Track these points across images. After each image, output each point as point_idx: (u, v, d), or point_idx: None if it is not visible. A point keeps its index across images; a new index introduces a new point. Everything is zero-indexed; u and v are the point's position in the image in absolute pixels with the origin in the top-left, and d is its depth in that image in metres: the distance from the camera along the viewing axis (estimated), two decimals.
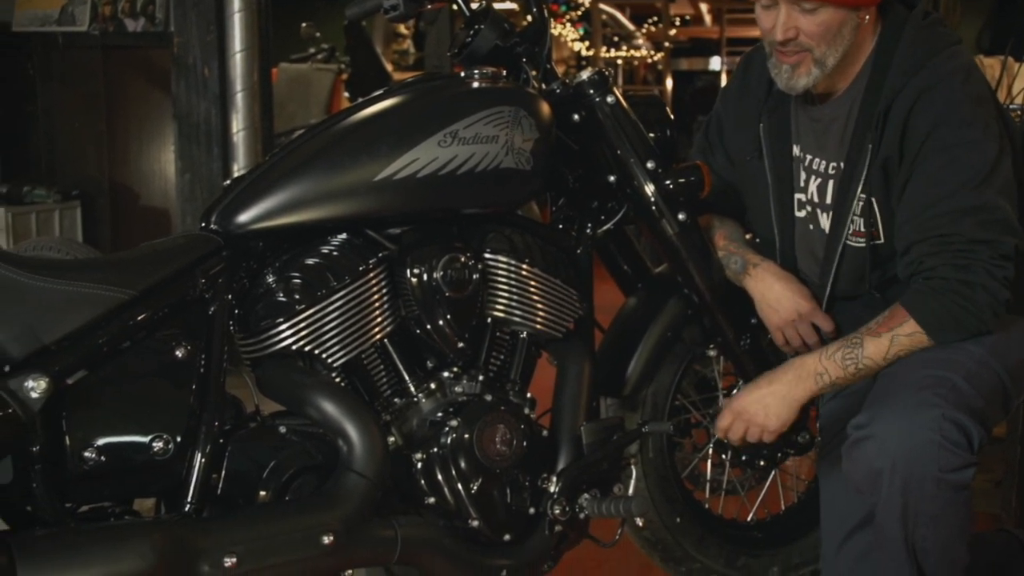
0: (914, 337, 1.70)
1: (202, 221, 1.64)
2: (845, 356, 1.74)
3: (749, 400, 1.81)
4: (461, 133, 1.69)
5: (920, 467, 1.60)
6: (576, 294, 1.86)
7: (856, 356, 1.73)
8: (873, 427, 1.64)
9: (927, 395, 1.64)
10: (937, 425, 1.61)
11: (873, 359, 1.73)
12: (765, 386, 1.80)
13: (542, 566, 1.77)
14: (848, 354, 1.74)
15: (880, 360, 1.73)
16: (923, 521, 1.65)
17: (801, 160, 1.94)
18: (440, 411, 1.69)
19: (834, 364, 1.74)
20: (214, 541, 1.40)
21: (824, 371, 1.75)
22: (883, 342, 1.72)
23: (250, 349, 1.63)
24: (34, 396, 1.35)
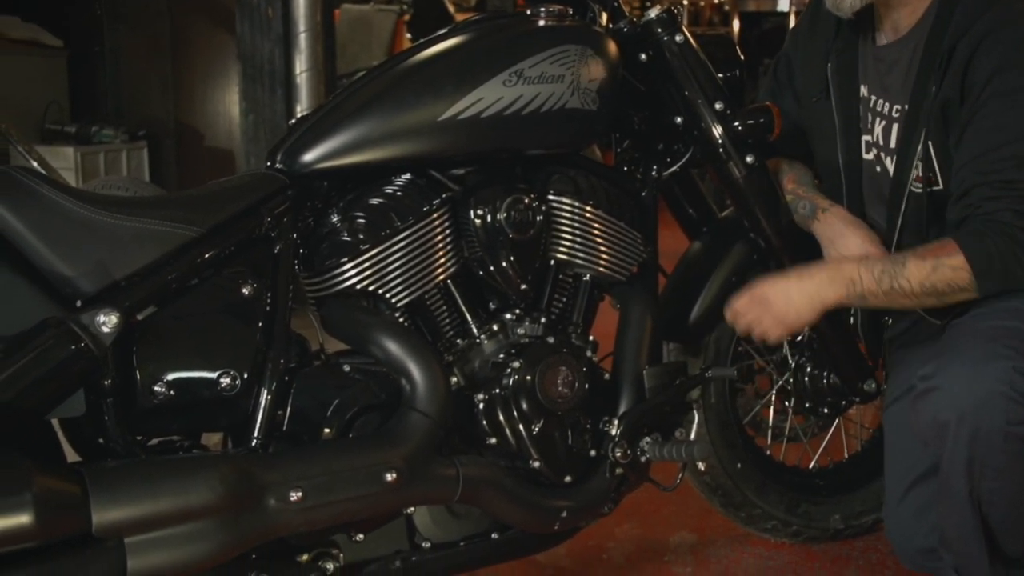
0: (958, 272, 1.64)
1: (267, 160, 1.65)
2: (884, 270, 1.68)
3: (774, 288, 1.76)
4: (526, 72, 1.67)
5: (988, 420, 1.57)
6: (640, 237, 1.84)
7: (894, 273, 1.67)
8: (939, 378, 1.61)
9: (997, 346, 1.60)
10: (1007, 377, 1.56)
11: (910, 281, 1.67)
12: (795, 279, 1.75)
13: (602, 508, 1.77)
14: (888, 269, 1.68)
15: (917, 285, 1.66)
16: (989, 474, 1.61)
17: (868, 101, 1.88)
18: (502, 352, 1.69)
19: (870, 275, 1.69)
20: (280, 476, 1.42)
21: (859, 279, 1.70)
22: (925, 266, 1.66)
23: (314, 288, 1.64)
24: (105, 331, 1.38)
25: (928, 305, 1.72)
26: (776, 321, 1.76)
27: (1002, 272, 1.63)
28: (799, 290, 1.74)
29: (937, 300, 1.69)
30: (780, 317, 1.75)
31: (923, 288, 1.67)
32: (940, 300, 1.69)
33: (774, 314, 1.75)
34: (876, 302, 1.72)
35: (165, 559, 1.32)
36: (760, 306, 1.77)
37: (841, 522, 2.19)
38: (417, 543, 1.66)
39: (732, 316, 1.83)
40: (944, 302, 1.70)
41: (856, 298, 1.72)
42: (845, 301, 1.74)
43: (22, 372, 1.31)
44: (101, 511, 1.26)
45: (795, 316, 1.75)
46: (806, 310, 1.74)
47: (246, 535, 1.38)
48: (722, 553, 2.18)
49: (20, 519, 1.19)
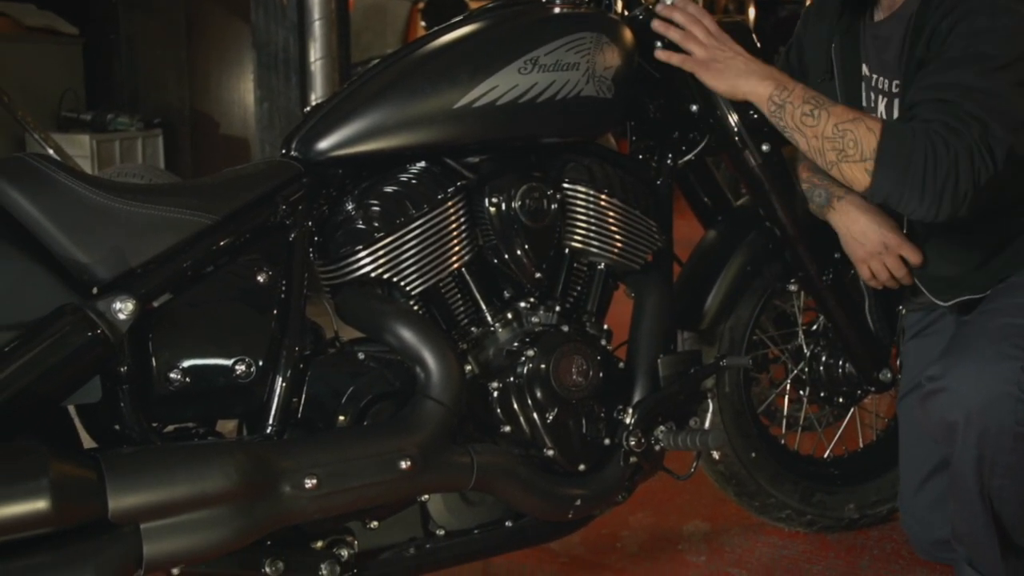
0: (869, 137, 1.62)
1: (282, 148, 1.65)
2: (815, 96, 1.68)
3: (731, 43, 1.75)
4: (542, 60, 1.66)
5: (996, 420, 1.56)
6: (655, 226, 1.84)
7: (820, 103, 1.67)
8: (947, 379, 1.60)
9: (1005, 346, 1.58)
10: (1015, 377, 1.55)
11: (830, 115, 1.65)
12: (744, 57, 1.74)
13: (616, 497, 1.77)
14: (819, 98, 1.68)
15: (831, 126, 1.64)
16: (999, 472, 1.61)
17: (869, 80, 1.87)
18: (516, 341, 1.69)
19: (801, 93, 1.68)
20: (295, 463, 1.43)
21: (791, 89, 1.69)
22: (849, 114, 1.65)
23: (329, 276, 1.64)
24: (122, 317, 1.38)
25: (826, 161, 1.67)
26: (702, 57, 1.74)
27: (904, 164, 1.59)
28: (745, 59, 1.73)
29: (836, 156, 1.65)
30: (718, 68, 1.73)
31: (835, 130, 1.64)
32: (838, 159, 1.65)
33: (711, 62, 1.73)
34: (789, 122, 1.68)
35: (180, 545, 1.32)
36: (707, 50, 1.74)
37: (856, 511, 2.19)
38: (431, 531, 1.67)
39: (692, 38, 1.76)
40: (842, 172, 1.66)
41: (778, 103, 1.68)
42: (766, 101, 1.70)
43: (39, 358, 1.32)
44: (117, 497, 1.27)
45: (729, 76, 1.73)
46: (733, 72, 1.72)
47: (261, 522, 1.39)
48: (736, 542, 2.18)
49: (37, 505, 1.20)
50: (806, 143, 1.68)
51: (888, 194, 1.63)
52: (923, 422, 1.68)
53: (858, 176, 1.64)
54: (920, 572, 2.04)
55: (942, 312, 1.92)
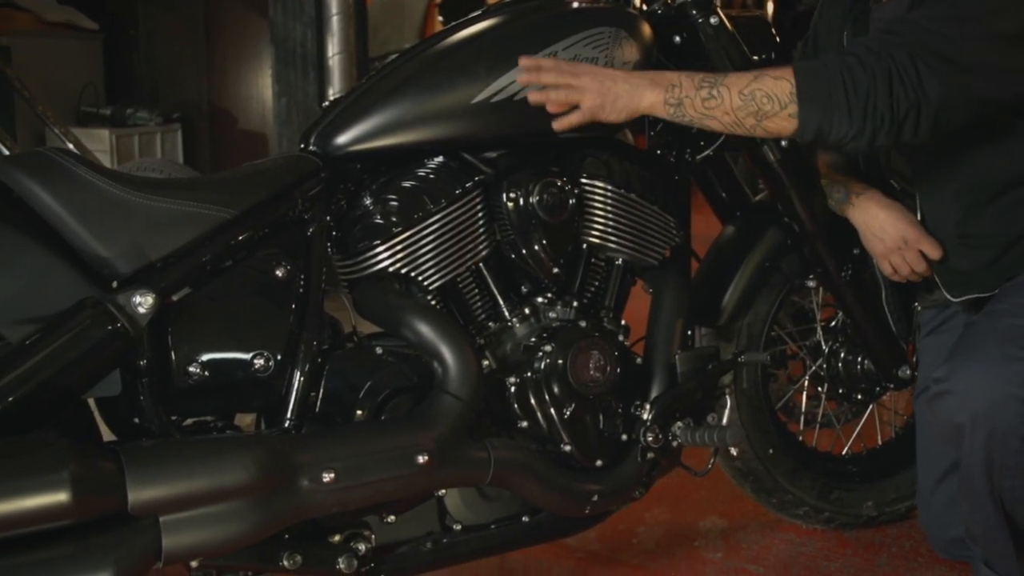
0: (779, 83, 1.57)
1: (301, 143, 1.65)
2: (706, 78, 1.62)
3: (604, 72, 1.63)
4: (560, 55, 1.66)
5: (1003, 423, 1.54)
6: (673, 221, 1.83)
7: (714, 81, 1.61)
8: (952, 381, 1.59)
9: (1011, 347, 1.57)
10: (1020, 379, 1.54)
11: (729, 89, 1.59)
12: (620, 74, 1.64)
13: (633, 492, 1.77)
14: (710, 77, 1.62)
15: (736, 94, 1.58)
16: (1009, 474, 1.60)
17: None
18: (534, 336, 1.69)
19: (691, 82, 1.61)
20: (313, 457, 1.43)
21: (680, 84, 1.61)
22: (747, 76, 1.60)
23: (347, 270, 1.64)
24: (141, 311, 1.39)
25: (747, 127, 1.61)
26: (591, 102, 1.61)
27: (825, 93, 1.55)
28: (624, 82, 1.62)
29: (755, 119, 1.59)
30: (595, 99, 1.60)
31: (741, 97, 1.58)
32: (760, 122, 1.59)
33: (591, 94, 1.60)
34: (695, 114, 1.61)
35: (199, 538, 1.33)
36: (582, 79, 1.61)
37: (874, 509, 2.18)
38: (448, 525, 1.67)
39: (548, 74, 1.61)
40: (767, 129, 1.61)
41: (674, 103, 1.61)
42: (661, 107, 1.62)
43: (59, 352, 1.33)
44: (137, 490, 1.28)
45: (610, 104, 1.61)
46: (623, 102, 1.61)
47: (279, 515, 1.39)
48: (753, 538, 2.17)
49: (58, 497, 1.21)
50: (720, 123, 1.62)
51: (818, 126, 1.58)
52: (932, 424, 1.67)
53: (783, 125, 1.59)
54: (938, 570, 2.03)
55: (956, 310, 1.91)
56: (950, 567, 2.02)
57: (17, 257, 1.35)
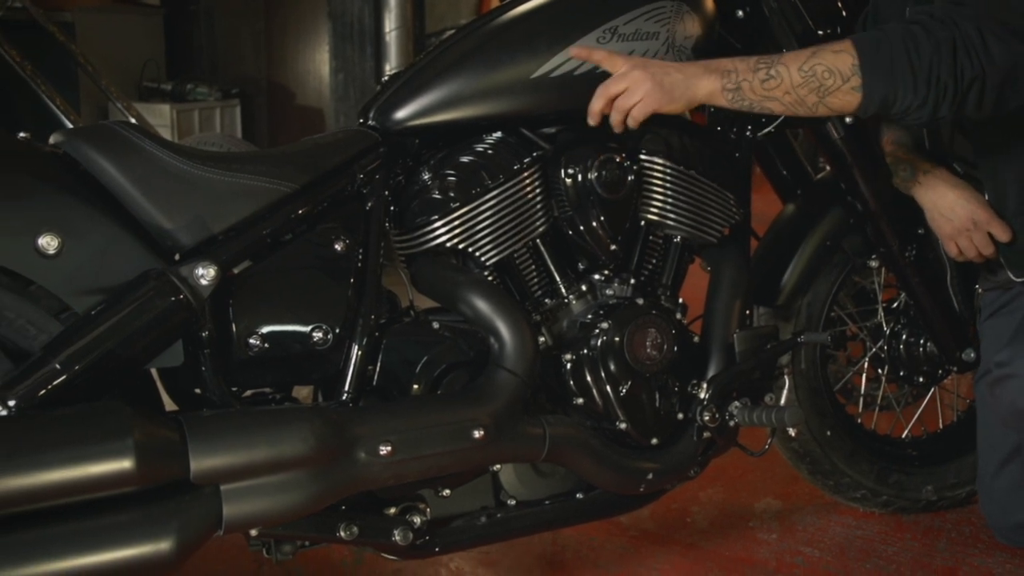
0: (840, 56, 1.52)
1: (360, 117, 1.66)
2: (761, 59, 1.57)
3: (655, 64, 1.60)
4: (621, 29, 1.64)
5: None
6: (733, 198, 1.81)
7: (771, 61, 1.56)
8: (1015, 364, 1.56)
9: None
10: None
11: (787, 67, 1.54)
12: (674, 64, 1.62)
13: (688, 472, 1.76)
14: (766, 58, 1.57)
15: (795, 71, 1.54)
16: None
17: None
18: (591, 313, 1.68)
19: (747, 65, 1.57)
20: (370, 429, 1.44)
21: (735, 69, 1.57)
22: (805, 52, 1.55)
23: (405, 245, 1.65)
24: (203, 283, 1.40)
25: (809, 105, 1.56)
26: (648, 92, 1.57)
27: (887, 63, 1.51)
28: (677, 69, 1.59)
29: (817, 95, 1.55)
30: (653, 89, 1.57)
31: (801, 74, 1.54)
32: (823, 98, 1.55)
33: (648, 84, 1.57)
34: (754, 97, 1.57)
35: (259, 507, 1.35)
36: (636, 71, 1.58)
37: (933, 493, 2.14)
38: (502, 500, 1.68)
39: (604, 102, 1.60)
40: (830, 106, 1.56)
41: (732, 88, 1.57)
42: (720, 94, 1.58)
43: (124, 322, 1.35)
44: (199, 458, 1.30)
45: (668, 92, 1.58)
46: (680, 90, 1.58)
47: (336, 487, 1.41)
48: (808, 521, 2.15)
49: (122, 464, 1.23)
50: (781, 105, 1.58)
51: (883, 98, 1.53)
52: (993, 408, 1.64)
53: (848, 99, 1.55)
54: (999, 556, 1.99)
55: (1018, 291, 1.86)
56: (1011, 553, 1.99)
57: (83, 229, 1.36)
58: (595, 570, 1.96)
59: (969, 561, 1.99)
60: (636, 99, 1.58)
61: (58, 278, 1.35)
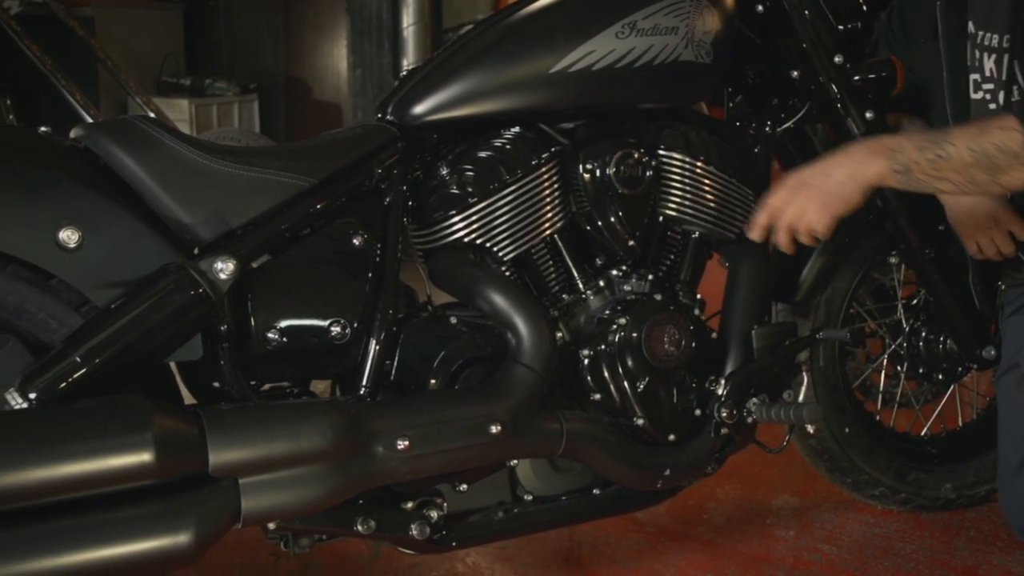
0: (1008, 133, 1.48)
1: (378, 112, 1.66)
2: (928, 138, 1.54)
3: (812, 171, 1.61)
4: (640, 24, 1.64)
5: None
6: (752, 194, 1.80)
7: (938, 140, 1.53)
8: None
9: None
10: None
11: (955, 145, 1.51)
12: (831, 157, 1.61)
13: (706, 468, 1.75)
14: (932, 136, 1.54)
15: (964, 150, 1.50)
16: None
17: (975, 37, 1.79)
18: (608, 308, 1.68)
19: (913, 144, 1.54)
20: (388, 424, 1.44)
21: (900, 148, 1.54)
22: (971, 129, 1.52)
23: (422, 240, 1.65)
24: (223, 277, 1.41)
25: (981, 184, 1.54)
26: (820, 205, 1.59)
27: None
28: (838, 165, 1.58)
29: (989, 174, 1.52)
30: (823, 199, 1.59)
31: (971, 153, 1.50)
32: (993, 175, 1.52)
33: (816, 198, 1.59)
34: (924, 178, 1.55)
35: (277, 501, 1.35)
36: (799, 193, 1.61)
37: (953, 491, 2.13)
38: (519, 495, 1.68)
39: (771, 215, 1.64)
40: (1003, 183, 1.53)
41: (900, 171, 1.55)
42: (889, 176, 1.56)
43: (143, 316, 1.35)
44: (218, 452, 1.30)
45: (838, 195, 1.58)
46: (849, 186, 1.57)
47: (354, 481, 1.41)
48: (826, 518, 2.14)
49: (142, 457, 1.24)
50: (952, 184, 1.55)
51: None
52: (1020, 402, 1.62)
53: (1020, 176, 1.52)
54: (1018, 555, 1.98)
55: None
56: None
57: (103, 223, 1.37)
58: (611, 566, 1.96)
59: (989, 560, 1.98)
60: (811, 217, 1.60)
61: (78, 272, 1.36)
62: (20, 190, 1.33)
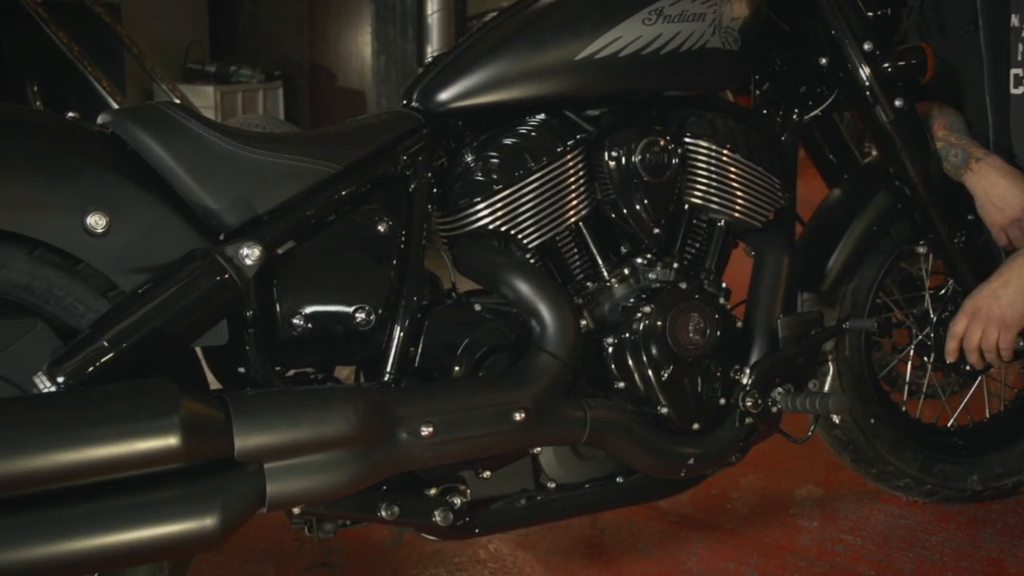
0: None
1: (403, 99, 1.66)
2: None
3: (981, 297, 1.73)
4: (667, 10, 1.62)
5: None
6: (778, 183, 1.79)
7: None
8: None
9: None
10: None
11: None
12: (995, 280, 1.72)
13: (730, 457, 1.75)
14: None
15: None
16: None
17: (1019, 31, 1.77)
18: (633, 297, 1.67)
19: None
20: (412, 410, 1.44)
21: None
22: None
23: (447, 227, 1.65)
24: (248, 263, 1.41)
25: None
26: (1000, 324, 1.74)
27: None
28: (1003, 287, 1.73)
29: None
30: (1000, 319, 1.73)
31: None
32: None
33: (995, 319, 1.74)
34: None
35: (301, 486, 1.36)
36: (978, 319, 1.75)
37: (979, 483, 2.11)
38: (542, 483, 1.68)
39: (956, 342, 1.82)
40: None
41: None
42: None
43: (170, 301, 1.36)
44: (243, 436, 1.31)
45: (1012, 311, 1.72)
46: (1020, 301, 1.72)
47: (378, 467, 1.41)
48: (850, 509, 2.13)
49: (168, 441, 1.24)
50: None
51: None
52: None
53: None
54: None
55: None
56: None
57: (131, 208, 1.37)
58: (634, 554, 1.96)
59: (1015, 552, 1.96)
60: (991, 340, 1.75)
61: (106, 257, 1.36)
62: (49, 175, 1.34)
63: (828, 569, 1.91)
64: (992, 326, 1.74)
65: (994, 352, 1.78)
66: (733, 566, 1.92)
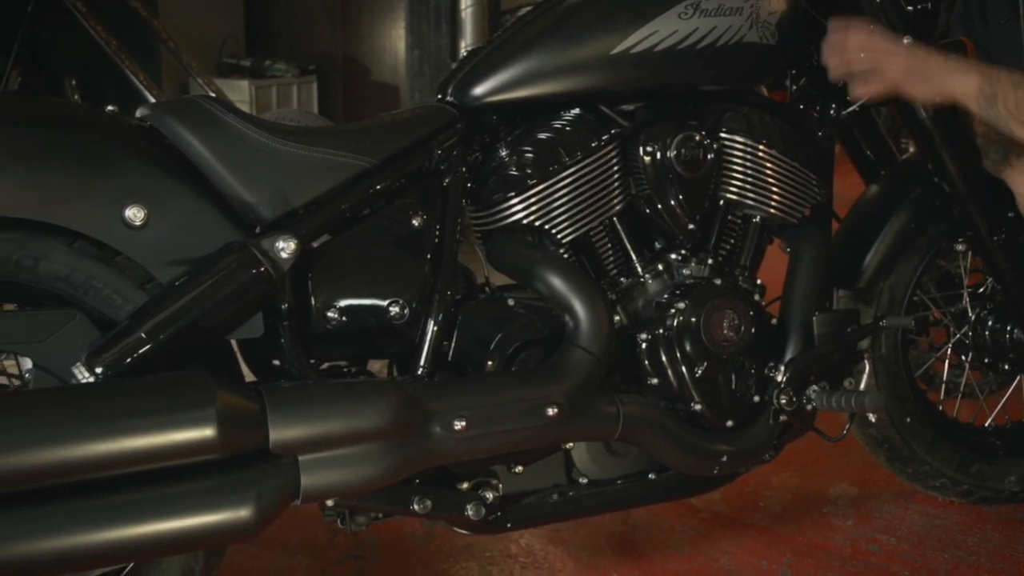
0: None
1: (438, 93, 1.66)
2: None
3: (914, 49, 1.64)
4: (703, 4, 1.61)
5: None
6: (814, 179, 1.77)
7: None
8: None
9: None
10: None
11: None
12: (937, 55, 1.63)
13: (764, 455, 1.74)
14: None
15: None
16: None
17: None
18: (667, 293, 1.67)
19: (1010, 79, 1.56)
20: (445, 404, 1.45)
21: (997, 78, 1.57)
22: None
23: (481, 222, 1.65)
24: (284, 256, 1.42)
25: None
26: (900, 70, 1.62)
27: None
28: (939, 64, 1.62)
29: None
30: (907, 68, 1.62)
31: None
32: None
33: (902, 63, 1.62)
34: (1005, 112, 1.57)
35: (335, 478, 1.36)
36: (890, 54, 1.63)
37: (1016, 484, 2.09)
38: (574, 479, 1.67)
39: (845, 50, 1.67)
40: None
41: (988, 95, 1.58)
42: (975, 96, 1.59)
43: (207, 293, 1.37)
44: (278, 429, 1.31)
45: (920, 76, 1.62)
46: (936, 78, 1.62)
47: (412, 460, 1.42)
48: (885, 508, 2.11)
49: (205, 432, 1.25)
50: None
51: None
52: None
53: None
54: None
55: None
56: None
57: (168, 201, 1.39)
58: (665, 551, 1.95)
59: None
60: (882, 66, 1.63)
61: (144, 249, 1.38)
62: (88, 168, 1.35)
63: (862, 568, 1.89)
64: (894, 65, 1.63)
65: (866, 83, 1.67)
66: (766, 564, 1.90)
